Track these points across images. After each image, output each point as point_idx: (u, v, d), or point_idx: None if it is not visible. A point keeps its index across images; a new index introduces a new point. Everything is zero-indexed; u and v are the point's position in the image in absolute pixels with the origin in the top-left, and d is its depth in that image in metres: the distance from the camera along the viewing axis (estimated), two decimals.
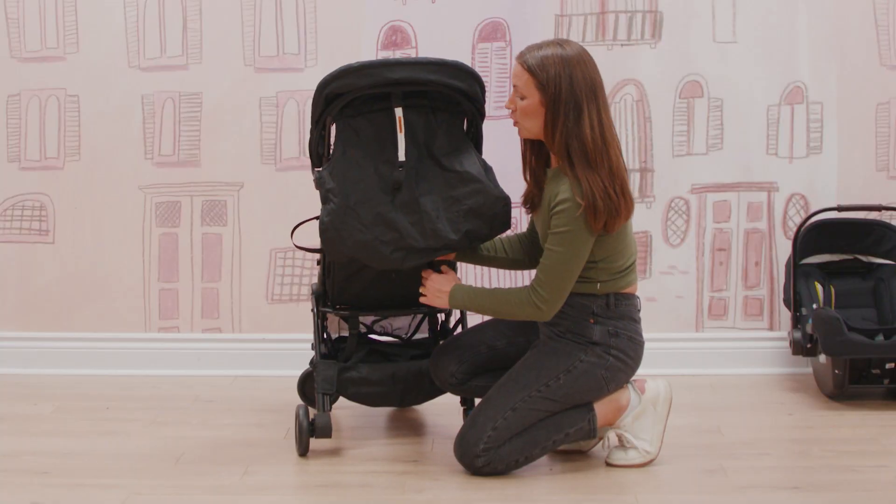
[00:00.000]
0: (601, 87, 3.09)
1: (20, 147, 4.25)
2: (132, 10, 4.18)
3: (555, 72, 3.04)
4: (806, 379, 4.08)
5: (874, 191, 4.14)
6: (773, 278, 4.21)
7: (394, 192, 3.17)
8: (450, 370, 3.31)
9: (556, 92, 3.04)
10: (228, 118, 4.20)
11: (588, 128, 3.04)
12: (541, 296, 3.07)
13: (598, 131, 3.05)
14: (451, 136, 3.22)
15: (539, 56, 3.07)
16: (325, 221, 3.17)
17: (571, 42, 3.12)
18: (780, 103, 4.15)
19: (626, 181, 3.07)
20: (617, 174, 3.05)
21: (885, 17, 4.12)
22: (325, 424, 3.29)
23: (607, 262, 3.13)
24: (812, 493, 3.04)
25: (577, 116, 3.04)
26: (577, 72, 3.05)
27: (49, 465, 3.29)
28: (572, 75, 3.04)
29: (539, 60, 3.06)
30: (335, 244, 3.18)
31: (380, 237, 3.16)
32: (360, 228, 3.16)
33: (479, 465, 3.12)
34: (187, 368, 4.25)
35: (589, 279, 3.14)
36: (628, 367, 3.20)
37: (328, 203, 3.18)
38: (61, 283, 4.27)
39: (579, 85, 3.04)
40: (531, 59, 3.07)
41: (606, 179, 3.03)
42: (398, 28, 4.16)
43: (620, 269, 3.15)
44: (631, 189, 3.12)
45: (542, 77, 3.05)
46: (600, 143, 3.04)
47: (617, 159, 3.07)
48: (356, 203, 3.16)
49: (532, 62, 3.06)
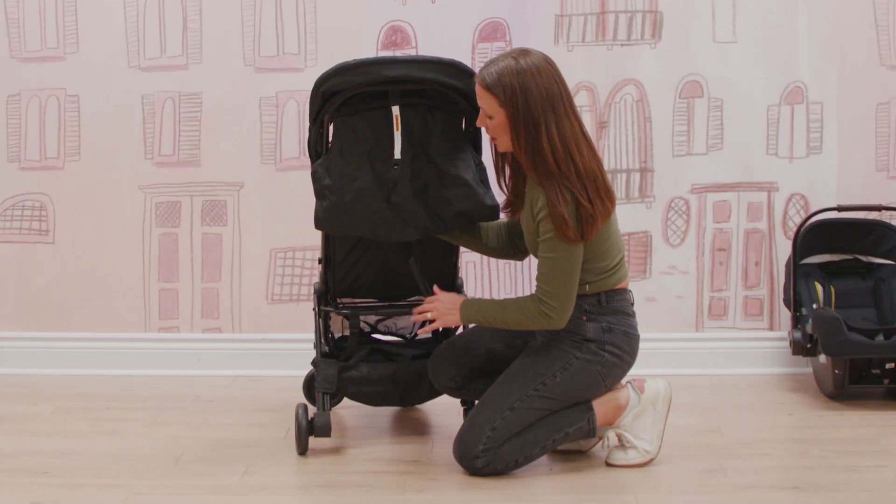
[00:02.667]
0: (560, 96, 3.03)
1: (20, 147, 4.25)
2: (132, 10, 4.18)
3: (511, 88, 3.00)
4: (806, 379, 4.08)
5: (874, 191, 4.14)
6: (773, 278, 4.21)
7: (389, 190, 3.18)
8: (449, 374, 3.31)
9: (515, 108, 3.01)
10: (228, 118, 4.20)
11: (546, 141, 3.00)
12: (548, 305, 3.07)
13: (559, 142, 3.01)
14: (448, 135, 3.22)
15: (494, 73, 3.03)
16: (320, 217, 3.21)
17: (530, 52, 3.07)
18: (780, 103, 4.15)
19: (599, 181, 3.04)
20: (587, 177, 3.02)
21: (885, 17, 4.12)
22: (325, 423, 3.29)
23: (591, 264, 3.12)
24: (812, 493, 3.04)
25: (535, 131, 3.01)
26: (531, 85, 3.00)
27: (49, 465, 3.29)
28: (527, 90, 3.00)
29: (495, 78, 3.02)
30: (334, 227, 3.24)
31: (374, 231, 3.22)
32: (356, 225, 3.20)
33: (479, 466, 3.12)
34: (187, 368, 4.25)
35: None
36: (624, 362, 3.20)
37: (324, 199, 3.20)
38: (61, 283, 4.27)
39: (534, 99, 3.00)
40: (488, 78, 3.03)
41: (576, 187, 3.01)
42: (398, 28, 4.16)
43: (607, 268, 3.15)
44: (609, 184, 3.07)
45: (500, 95, 3.02)
46: (562, 154, 3.01)
47: (587, 162, 3.03)
48: (352, 201, 3.18)
49: (489, 81, 3.03)
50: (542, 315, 3.08)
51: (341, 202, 3.18)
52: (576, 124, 3.05)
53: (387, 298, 3.49)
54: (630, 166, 4.17)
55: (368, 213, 3.19)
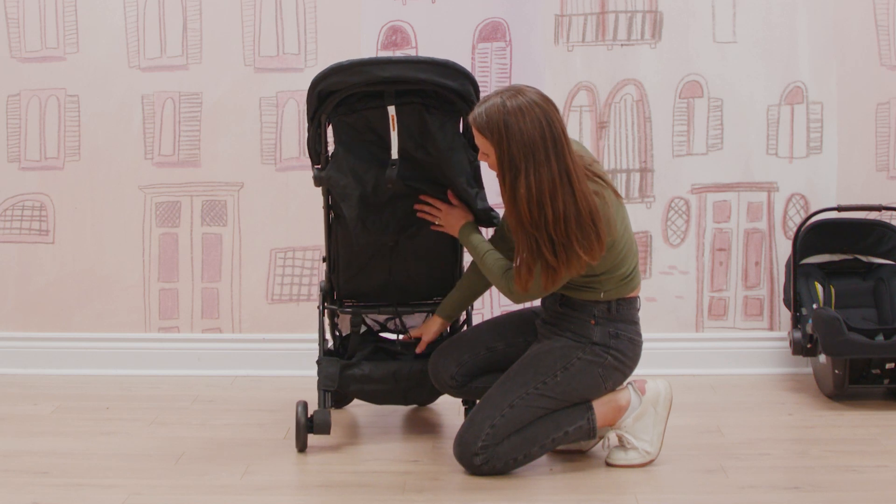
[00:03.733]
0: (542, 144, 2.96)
1: (20, 147, 4.25)
2: (132, 10, 4.18)
3: (497, 129, 2.97)
4: (806, 379, 4.08)
5: (874, 191, 4.14)
6: (773, 278, 4.21)
7: (388, 188, 3.22)
8: (449, 373, 3.31)
9: (501, 150, 2.98)
10: (228, 118, 4.20)
11: (524, 187, 2.96)
12: (513, 289, 3.12)
13: (535, 190, 2.95)
14: (444, 136, 3.23)
15: (484, 113, 3.00)
16: (351, 217, 3.24)
17: (523, 92, 3.00)
18: (780, 103, 4.15)
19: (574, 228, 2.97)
20: (558, 227, 2.96)
21: (885, 18, 4.12)
22: (324, 421, 3.29)
23: (610, 273, 3.13)
24: (812, 493, 3.03)
25: (515, 176, 2.97)
26: (514, 128, 2.95)
27: (49, 465, 3.29)
28: (510, 132, 2.95)
29: (484, 119, 2.99)
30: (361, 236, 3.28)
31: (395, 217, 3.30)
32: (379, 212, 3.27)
33: (478, 464, 3.12)
34: (187, 368, 4.25)
35: (593, 288, 3.15)
36: (626, 367, 3.21)
37: (349, 199, 3.22)
38: (61, 283, 4.27)
39: (516, 143, 2.95)
40: (479, 119, 3.01)
41: (543, 239, 2.97)
42: (398, 28, 4.16)
43: (624, 275, 3.16)
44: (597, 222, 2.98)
45: (488, 135, 3.00)
46: (535, 202, 2.95)
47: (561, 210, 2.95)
48: (373, 189, 3.24)
49: (479, 121, 3.01)
50: (506, 287, 3.15)
51: (365, 194, 3.24)
52: (557, 169, 2.96)
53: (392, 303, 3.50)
54: (630, 166, 4.17)
55: (389, 195, 3.25)
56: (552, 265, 3.00)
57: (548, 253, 2.99)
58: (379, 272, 3.40)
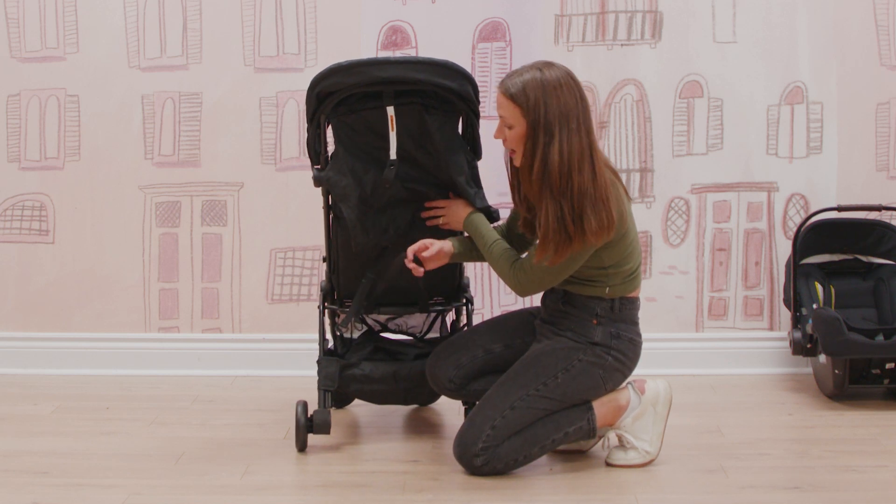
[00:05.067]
0: (577, 113, 3.03)
1: (20, 147, 4.25)
2: (132, 10, 4.18)
3: (534, 99, 3.02)
4: (806, 379, 4.08)
5: (874, 191, 4.14)
6: (773, 278, 4.21)
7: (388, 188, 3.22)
8: (447, 376, 3.31)
9: (536, 118, 3.02)
10: (228, 118, 4.20)
11: (556, 153, 3.01)
12: (521, 280, 3.14)
13: (566, 156, 3.01)
14: (444, 136, 3.23)
15: (519, 83, 3.04)
16: (352, 219, 3.24)
17: (555, 66, 3.08)
18: (780, 103, 4.15)
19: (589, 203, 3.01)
20: (579, 197, 3.01)
21: (885, 18, 4.12)
22: (324, 421, 3.30)
23: (617, 267, 3.14)
24: (812, 493, 3.04)
25: (549, 141, 3.02)
26: (552, 97, 3.02)
27: (49, 465, 3.29)
28: (548, 102, 3.01)
29: (519, 88, 3.03)
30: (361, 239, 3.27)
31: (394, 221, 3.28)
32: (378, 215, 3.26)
33: (478, 465, 3.12)
34: (187, 368, 4.25)
35: (598, 283, 3.15)
36: (626, 368, 3.21)
37: (348, 200, 3.22)
38: (61, 283, 4.27)
39: (553, 111, 3.01)
40: (512, 88, 3.04)
41: (567, 205, 3.01)
42: (398, 28, 4.16)
43: (630, 272, 3.16)
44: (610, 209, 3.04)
45: (523, 104, 3.03)
46: (565, 169, 3.01)
47: (586, 182, 3.01)
48: (372, 191, 3.23)
49: (513, 90, 3.04)
50: (513, 279, 3.16)
51: (364, 195, 3.23)
52: (585, 142, 3.04)
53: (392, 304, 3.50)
54: (630, 166, 4.17)
55: (386, 198, 3.24)
56: (571, 235, 3.02)
57: (570, 223, 3.02)
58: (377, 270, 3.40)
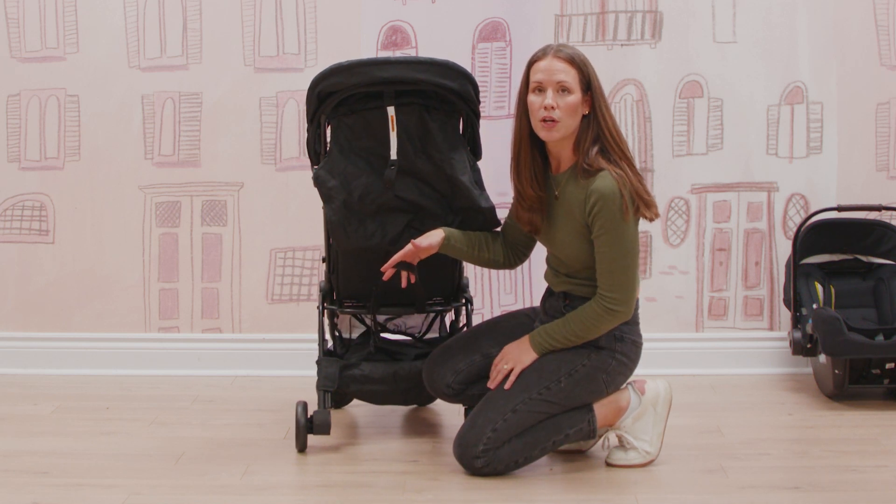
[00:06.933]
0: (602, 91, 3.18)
1: (20, 147, 4.25)
2: (132, 10, 4.18)
3: (586, 65, 3.11)
4: (806, 379, 4.08)
5: (874, 191, 4.14)
6: (773, 278, 4.21)
7: (388, 189, 3.20)
8: (445, 381, 3.29)
9: (591, 84, 3.10)
10: (228, 118, 4.20)
11: (610, 118, 3.11)
12: (610, 299, 3.08)
13: (615, 122, 3.13)
14: (445, 136, 3.22)
15: (571, 51, 3.11)
16: (333, 220, 3.22)
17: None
18: (780, 103, 4.15)
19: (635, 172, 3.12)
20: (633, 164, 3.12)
21: (885, 17, 4.12)
22: (324, 421, 3.29)
23: None
24: (812, 493, 3.04)
25: (605, 107, 3.11)
26: (593, 70, 3.13)
27: (49, 465, 3.29)
28: (592, 72, 3.12)
29: (578, 55, 3.11)
30: (342, 241, 3.25)
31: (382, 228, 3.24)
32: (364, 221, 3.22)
33: (479, 466, 3.11)
34: (187, 368, 4.25)
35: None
36: (627, 370, 3.21)
37: (332, 202, 3.20)
38: (61, 283, 4.27)
39: (597, 81, 3.12)
40: (573, 53, 3.10)
41: (629, 166, 3.09)
42: (398, 28, 4.16)
43: None
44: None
45: (584, 71, 3.10)
46: (618, 133, 3.11)
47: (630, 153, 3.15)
48: (360, 197, 3.20)
49: (575, 56, 3.10)
50: (607, 311, 3.09)
51: (350, 200, 3.20)
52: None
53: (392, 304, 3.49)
54: None
55: (375, 206, 3.21)
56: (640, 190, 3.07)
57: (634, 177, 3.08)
58: (378, 274, 3.38)
